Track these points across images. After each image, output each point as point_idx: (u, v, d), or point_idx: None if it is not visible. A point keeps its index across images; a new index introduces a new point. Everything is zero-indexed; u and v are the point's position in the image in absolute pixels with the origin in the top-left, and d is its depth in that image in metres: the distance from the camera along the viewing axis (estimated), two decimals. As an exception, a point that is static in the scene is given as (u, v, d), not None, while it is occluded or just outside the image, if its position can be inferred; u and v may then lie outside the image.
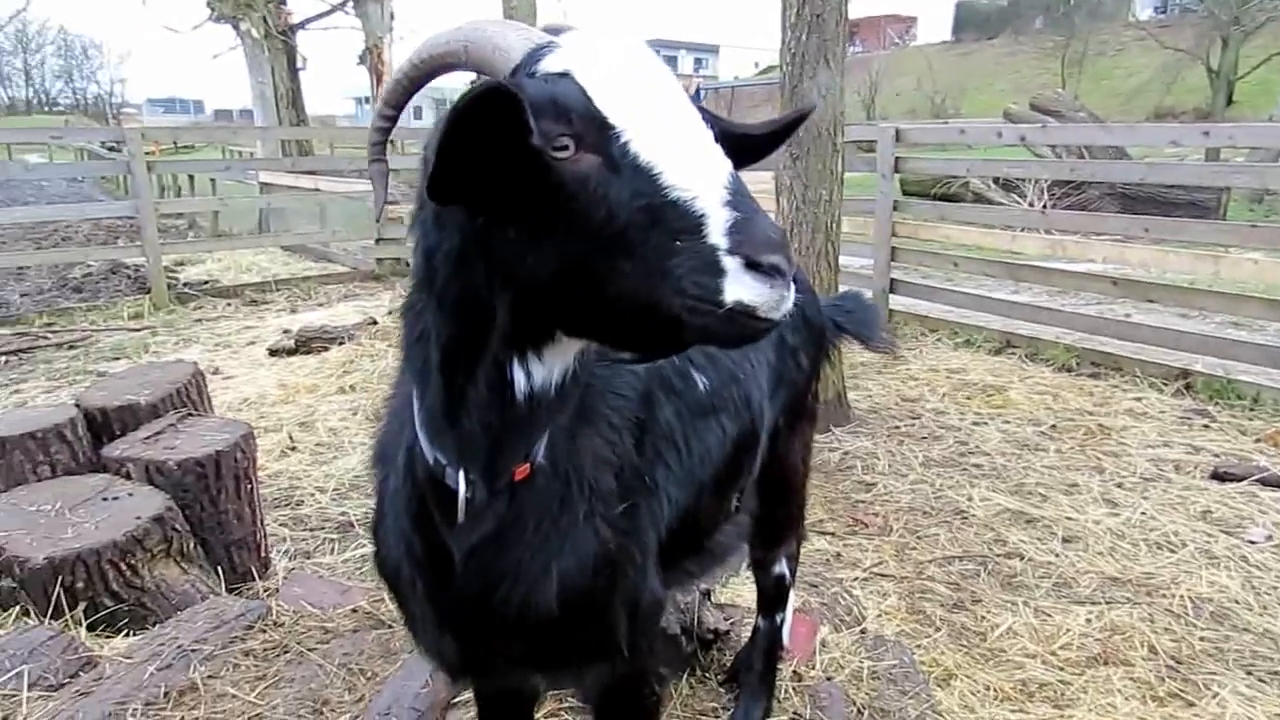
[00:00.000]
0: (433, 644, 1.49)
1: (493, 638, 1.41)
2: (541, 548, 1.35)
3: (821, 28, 4.52)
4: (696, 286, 1.01)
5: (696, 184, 1.03)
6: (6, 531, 2.82)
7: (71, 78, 74.91)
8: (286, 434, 5.11)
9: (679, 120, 1.10)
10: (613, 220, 1.05)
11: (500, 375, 1.21)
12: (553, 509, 1.35)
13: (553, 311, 1.15)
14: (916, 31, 55.98)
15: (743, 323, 1.01)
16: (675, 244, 1.02)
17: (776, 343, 1.99)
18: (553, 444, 1.32)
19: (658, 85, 1.11)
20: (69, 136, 18.35)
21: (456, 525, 1.30)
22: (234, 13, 15.06)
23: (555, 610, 1.36)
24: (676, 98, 1.12)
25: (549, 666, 1.52)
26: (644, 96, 1.09)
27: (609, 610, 1.44)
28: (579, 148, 1.06)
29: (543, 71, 1.10)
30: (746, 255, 0.99)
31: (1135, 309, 7.53)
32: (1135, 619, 3.14)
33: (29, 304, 8.96)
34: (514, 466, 1.28)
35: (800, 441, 2.21)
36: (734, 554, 2.05)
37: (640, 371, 1.52)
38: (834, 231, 4.90)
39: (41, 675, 2.38)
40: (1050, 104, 15.54)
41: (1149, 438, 4.92)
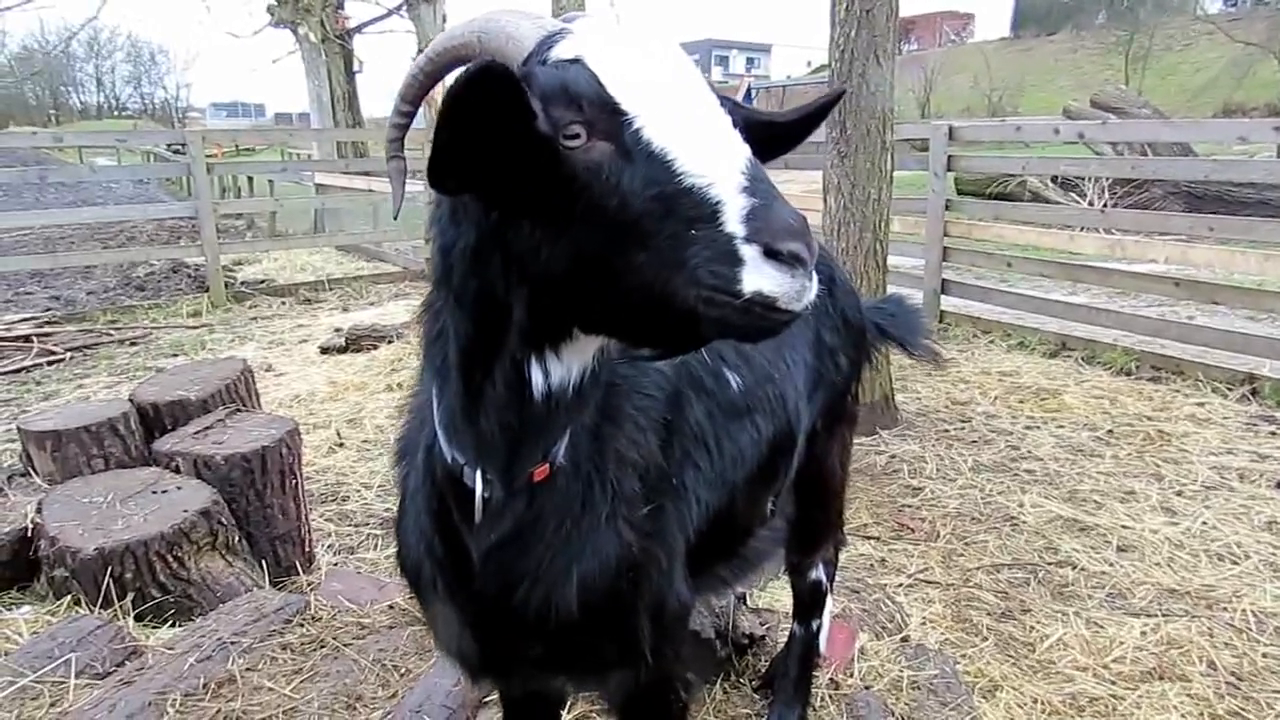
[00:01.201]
0: (453, 643, 1.48)
1: (512, 639, 1.39)
2: (562, 549, 1.32)
3: (871, 23, 4.44)
4: (713, 276, 0.97)
5: (712, 170, 1.00)
6: (60, 522, 2.91)
7: (140, 83, 77.50)
8: (334, 430, 5.19)
9: (694, 106, 1.06)
10: (626, 209, 1.02)
11: (518, 374, 1.19)
12: (574, 510, 1.32)
13: (569, 307, 1.12)
14: (974, 28, 54.93)
15: (761, 314, 0.97)
16: (691, 233, 0.99)
17: (814, 343, 1.95)
18: (575, 444, 1.30)
19: (673, 71, 1.08)
20: (134, 140, 18.92)
21: (475, 525, 1.29)
22: (292, 18, 15.39)
23: (575, 612, 1.34)
24: (693, 84, 1.08)
25: (570, 670, 1.50)
26: (658, 82, 1.06)
27: (632, 614, 1.42)
28: (591, 135, 1.03)
29: (554, 58, 1.08)
30: (765, 243, 0.95)
31: (1198, 311, 7.26)
32: (1194, 633, 3.02)
33: (94, 301, 9.26)
34: (532, 467, 1.26)
35: (839, 444, 2.16)
36: (770, 559, 2.00)
37: (669, 371, 1.49)
38: (883, 230, 4.81)
39: (89, 663, 2.44)
40: (1112, 100, 15.08)
41: (1211, 444, 4.73)
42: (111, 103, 75.08)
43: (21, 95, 61.27)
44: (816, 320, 1.96)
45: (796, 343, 1.88)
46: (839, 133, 4.69)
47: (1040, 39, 42.71)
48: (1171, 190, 11.98)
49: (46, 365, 6.88)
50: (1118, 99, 15.36)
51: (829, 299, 2.02)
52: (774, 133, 1.25)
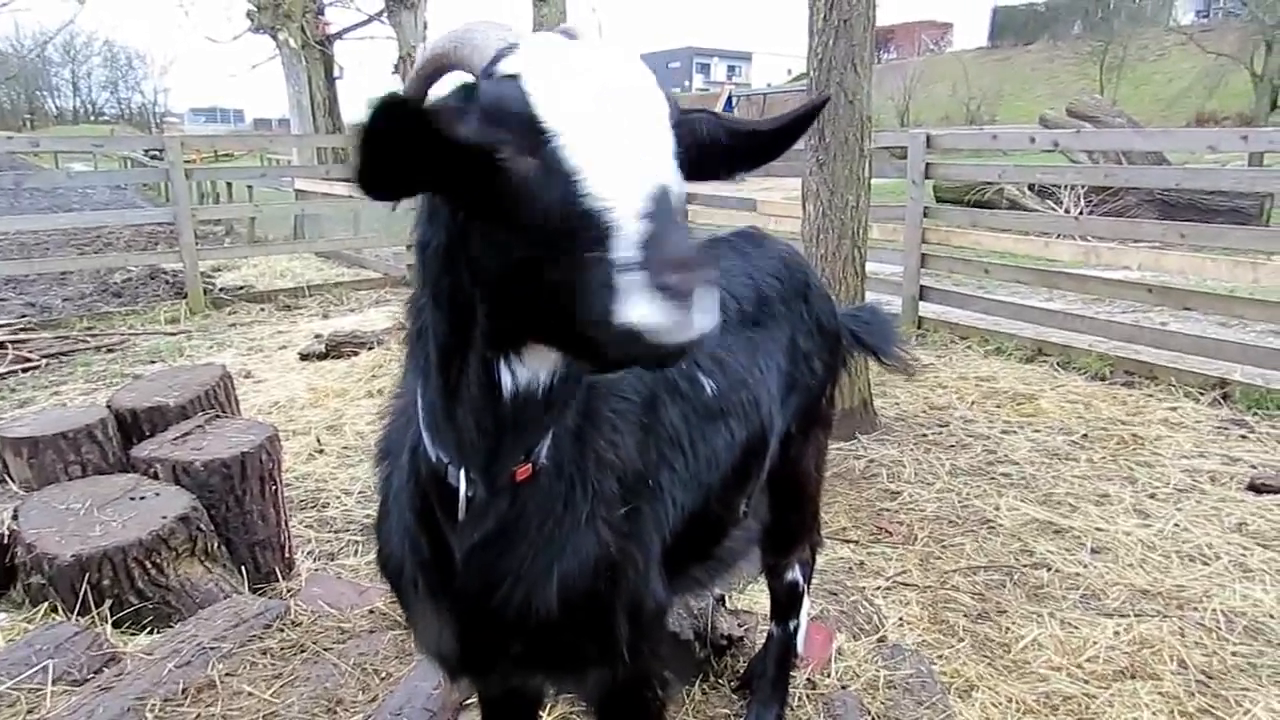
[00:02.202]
0: (433, 642, 1.49)
1: (492, 637, 1.41)
2: (544, 549, 1.34)
3: (849, 33, 4.50)
4: (593, 304, 0.97)
5: (614, 193, 0.99)
6: (37, 529, 2.89)
7: (117, 88, 76.77)
8: (315, 437, 5.17)
9: (621, 127, 1.04)
10: (542, 227, 1.03)
11: (488, 374, 1.21)
12: (556, 510, 1.34)
13: (514, 314, 1.14)
14: (952, 38, 55.49)
15: (642, 347, 0.96)
16: (586, 256, 0.98)
17: (788, 347, 1.98)
18: (558, 445, 1.32)
19: (610, 89, 1.06)
20: (112, 145, 18.79)
21: (459, 524, 1.31)
22: (273, 23, 15.33)
23: (555, 611, 1.35)
24: (631, 103, 1.07)
25: (549, 668, 1.52)
26: (590, 100, 1.05)
27: (610, 613, 1.44)
28: (519, 150, 1.04)
29: (499, 72, 1.09)
30: (647, 274, 0.94)
31: (1172, 317, 7.38)
32: (1165, 632, 3.07)
33: (70, 308, 9.18)
34: (513, 466, 1.28)
35: (813, 447, 2.19)
36: (744, 561, 2.03)
37: (645, 375, 1.51)
38: (861, 237, 4.87)
39: (66, 670, 2.43)
40: (1088, 109, 15.28)
41: (1184, 448, 4.81)
42: (88, 108, 74.32)
43: (-4, 100, 60.55)
44: (791, 325, 2.00)
45: (771, 347, 1.91)
46: (818, 140, 4.74)
47: (1017, 49, 43.18)
48: (1146, 198, 12.16)
49: (21, 372, 6.81)
50: (1093, 108, 15.57)
51: (804, 305, 2.05)
52: (757, 142, 1.27)
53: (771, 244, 2.14)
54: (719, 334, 1.73)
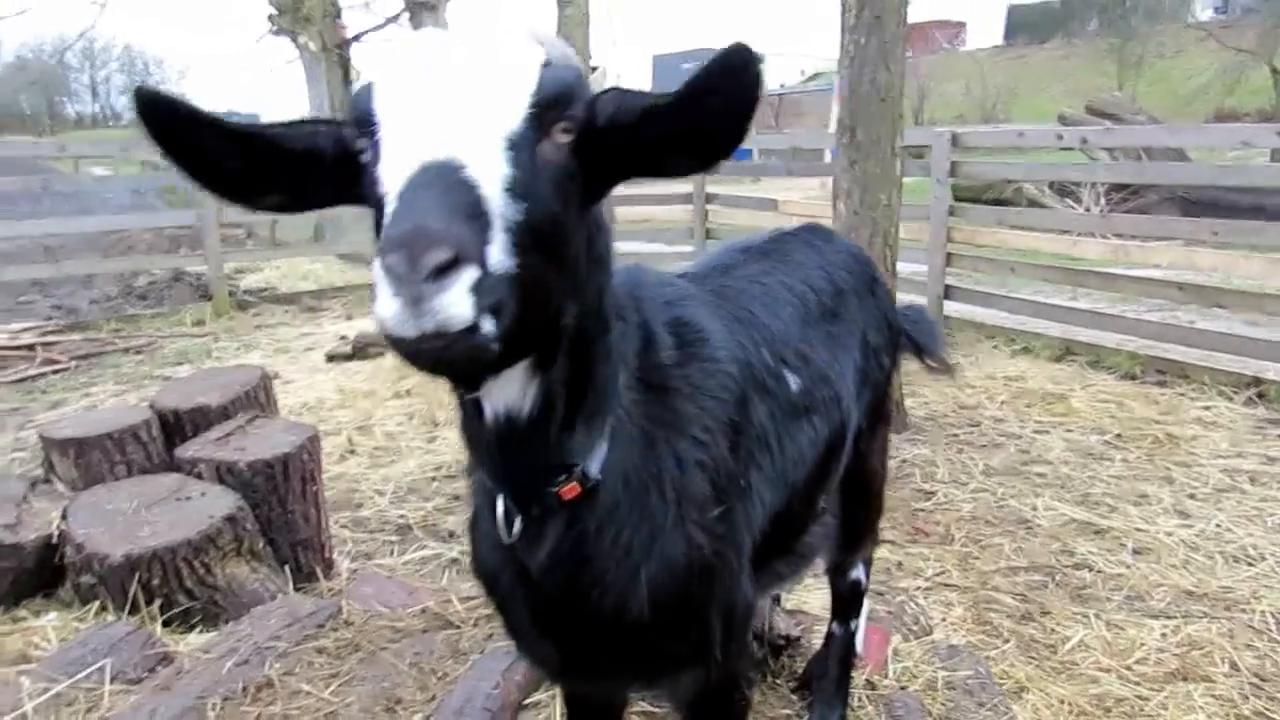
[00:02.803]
0: (533, 648, 1.48)
1: (589, 644, 1.40)
2: (625, 558, 1.31)
3: (881, 30, 4.48)
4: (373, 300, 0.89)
5: (387, 178, 0.96)
6: (86, 529, 2.91)
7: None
8: (346, 438, 5.19)
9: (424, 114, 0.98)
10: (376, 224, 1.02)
11: (473, 403, 1.18)
12: (631, 519, 1.31)
13: None
14: (966, 36, 55.20)
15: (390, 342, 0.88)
16: None
17: (861, 343, 1.97)
18: (622, 453, 1.29)
19: (429, 77, 1.01)
20: (135, 149, 18.90)
21: (511, 544, 1.28)
22: (293, 27, 15.41)
23: (648, 616, 1.33)
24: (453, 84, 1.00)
25: (646, 671, 1.50)
26: (408, 92, 1.01)
27: (704, 615, 1.42)
28: (369, 150, 1.04)
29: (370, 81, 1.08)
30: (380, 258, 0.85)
31: (1200, 315, 7.31)
32: (1214, 634, 3.04)
33: (97, 310, 9.26)
34: (546, 489, 1.23)
35: (880, 444, 2.19)
36: (819, 555, 2.02)
37: (735, 373, 1.50)
38: (893, 236, 4.85)
39: (122, 669, 2.44)
40: (1108, 107, 15.19)
41: (1220, 448, 4.77)
42: (106, 112, 74.98)
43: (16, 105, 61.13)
44: (863, 320, 1.99)
45: (847, 342, 1.91)
46: (849, 139, 4.72)
47: (1032, 46, 43.00)
48: (1167, 196, 12.06)
49: (52, 374, 6.87)
50: (1113, 105, 15.47)
51: (872, 299, 2.05)
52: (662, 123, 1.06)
53: (838, 239, 2.14)
54: (804, 328, 1.73)
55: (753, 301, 1.71)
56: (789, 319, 1.75)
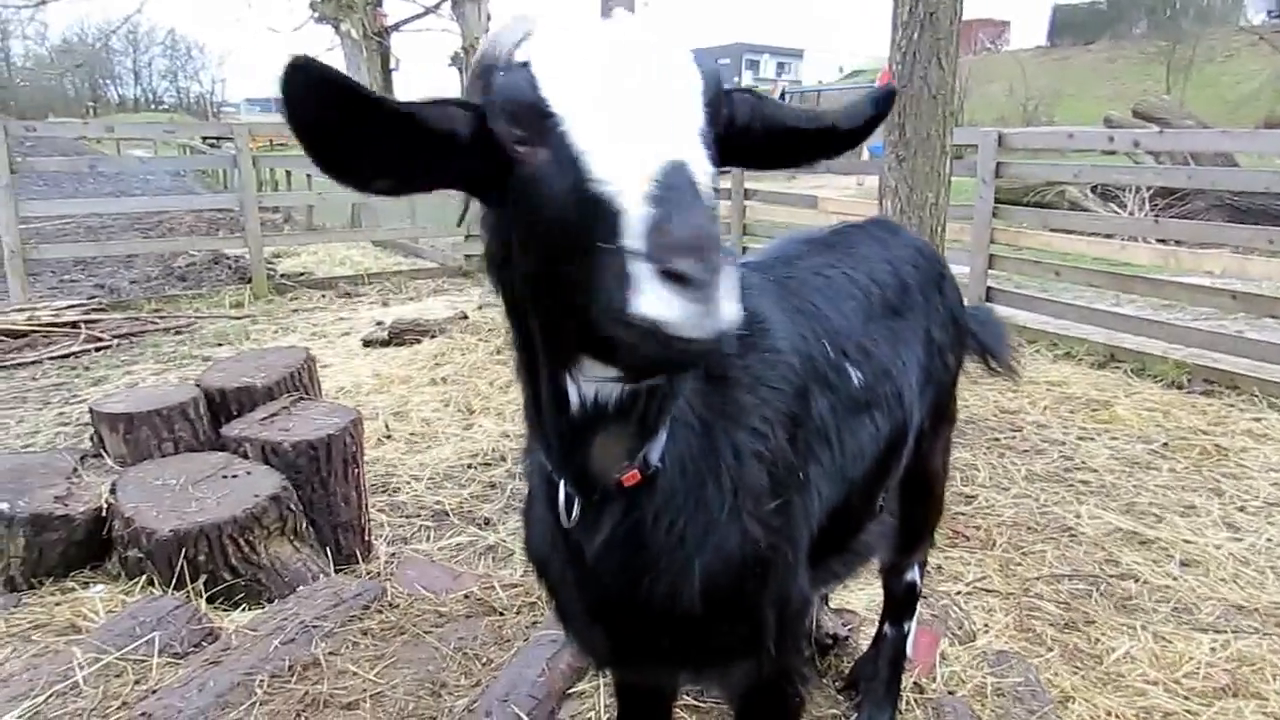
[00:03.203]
0: (583, 634, 1.48)
1: (639, 632, 1.39)
2: (679, 546, 1.30)
3: (935, 26, 4.41)
4: (611, 298, 0.88)
5: (620, 176, 0.90)
6: (134, 504, 2.95)
7: (176, 77, 78.60)
8: (383, 422, 5.22)
9: (633, 107, 0.96)
10: (556, 219, 0.96)
11: (558, 387, 1.16)
12: (687, 508, 1.30)
13: (555, 322, 1.08)
14: (1009, 36, 54.45)
15: (662, 343, 0.86)
16: (599, 246, 0.90)
17: (925, 340, 1.93)
18: (680, 442, 1.28)
19: (624, 69, 0.98)
20: (180, 132, 19.20)
21: (570, 528, 1.29)
22: (335, 14, 15.50)
23: (699, 607, 1.33)
24: (648, 83, 0.99)
25: (696, 662, 1.49)
26: (598, 82, 0.97)
27: (758, 607, 1.41)
28: (531, 141, 0.99)
29: (513, 62, 1.04)
30: (658, 261, 0.84)
31: (1249, 325, 7.15)
32: (1266, 650, 2.97)
33: (138, 290, 9.40)
34: (613, 475, 1.23)
35: (942, 444, 2.15)
36: (875, 554, 1.99)
37: (796, 364, 1.47)
38: (940, 236, 4.78)
39: (169, 643, 2.47)
40: (1155, 111, 14.89)
41: (1271, 461, 4.66)
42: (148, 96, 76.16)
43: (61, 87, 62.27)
44: (928, 316, 1.96)
45: (910, 338, 1.87)
46: (898, 135, 4.66)
47: (1077, 48, 42.21)
48: (1215, 203, 11.80)
49: (94, 351, 6.99)
50: (1161, 109, 15.17)
51: (939, 296, 2.01)
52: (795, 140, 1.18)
53: (906, 234, 2.10)
54: (866, 322, 1.70)
55: (815, 293, 1.68)
56: (851, 312, 1.72)
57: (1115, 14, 42.39)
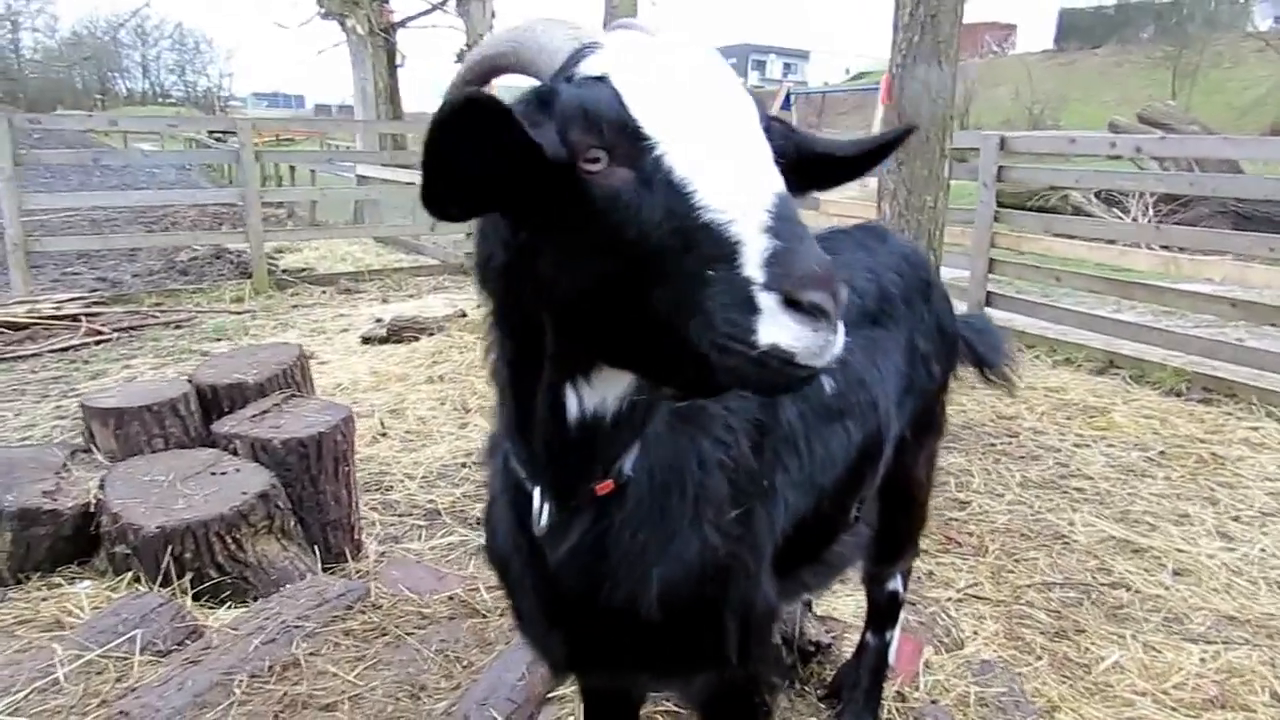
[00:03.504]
0: (540, 638, 1.48)
1: (597, 638, 1.39)
2: (640, 555, 1.31)
3: (936, 28, 4.40)
4: (728, 324, 0.90)
5: (733, 205, 0.92)
6: (122, 500, 2.94)
7: (184, 71, 78.75)
8: (378, 420, 5.22)
9: (727, 133, 0.98)
10: (644, 242, 0.95)
11: (556, 399, 1.17)
12: (651, 518, 1.31)
13: (591, 337, 1.07)
14: (1016, 40, 54.32)
15: (777, 369, 0.90)
16: (708, 273, 0.92)
17: (907, 349, 1.92)
18: (648, 451, 1.29)
19: (709, 93, 1.00)
20: (185, 126, 19.24)
21: (539, 536, 1.29)
22: (341, 10, 15.53)
23: (658, 615, 1.33)
24: (731, 108, 1.01)
25: (655, 670, 1.49)
26: (689, 105, 0.98)
27: (718, 616, 1.40)
28: (611, 160, 0.97)
29: (581, 74, 1.02)
30: (786, 291, 0.88)
31: (1249, 333, 7.13)
32: (1255, 662, 2.95)
33: (139, 284, 9.40)
34: (587, 486, 1.24)
35: (926, 454, 2.14)
36: (850, 566, 1.98)
37: None
38: (937, 239, 4.77)
39: (151, 640, 2.47)
40: (1160, 116, 14.84)
41: (1267, 470, 4.63)
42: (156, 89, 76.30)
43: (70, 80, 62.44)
44: (911, 326, 1.94)
45: (890, 347, 1.86)
46: (897, 140, 4.64)
47: (1084, 52, 42.09)
48: (1218, 209, 11.76)
49: (94, 344, 6.99)
50: (1165, 115, 15.12)
51: (925, 305, 2.00)
52: (832, 165, 1.21)
53: (894, 241, 2.09)
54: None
55: None
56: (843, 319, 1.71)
57: (1122, 18, 42.26)
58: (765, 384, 0.94)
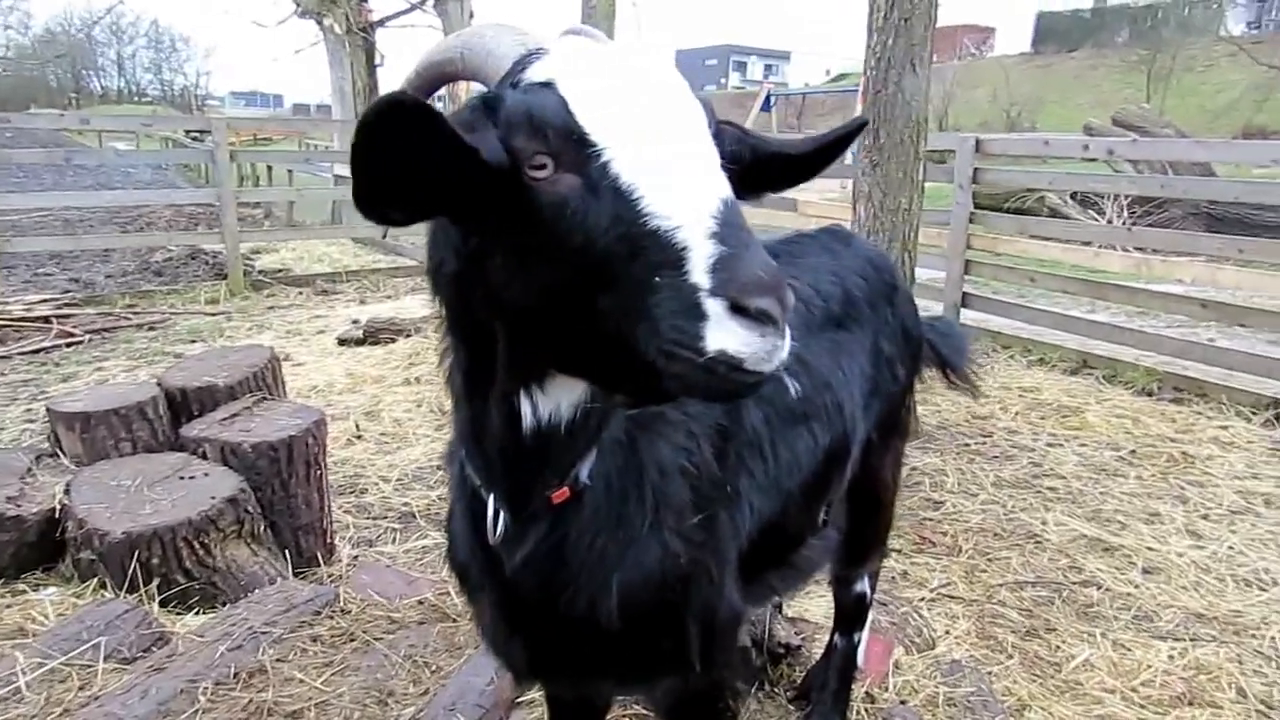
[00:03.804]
0: (501, 646, 1.47)
1: (558, 645, 1.39)
2: (599, 563, 1.30)
3: (910, 32, 4.42)
4: (674, 330, 0.90)
5: (681, 212, 0.92)
6: (88, 505, 2.91)
7: (160, 70, 77.91)
8: (353, 423, 5.18)
9: (674, 139, 0.98)
10: (590, 248, 0.95)
11: (510, 406, 1.16)
12: (608, 524, 1.30)
13: (541, 345, 1.07)
14: (994, 43, 54.79)
15: (724, 375, 0.90)
16: (655, 279, 0.92)
17: (872, 352, 1.92)
18: (605, 459, 1.28)
19: (657, 99, 1.00)
20: (159, 125, 19.00)
21: (495, 544, 1.28)
22: (318, 9, 15.41)
23: (618, 622, 1.32)
24: (679, 114, 1.01)
25: (617, 676, 1.49)
26: (636, 111, 0.98)
27: (679, 622, 1.40)
28: (558, 167, 0.97)
29: (527, 80, 1.01)
30: (732, 297, 0.88)
31: (1220, 334, 7.22)
32: (1223, 659, 2.99)
33: (113, 285, 9.29)
34: (543, 494, 1.24)
35: (892, 456, 2.14)
36: (819, 570, 1.98)
37: None
38: (912, 241, 4.79)
39: (116, 648, 2.44)
40: (1134, 119, 15.01)
41: (1236, 469, 4.69)
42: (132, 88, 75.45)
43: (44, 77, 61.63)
44: (876, 328, 1.95)
45: (855, 349, 1.86)
46: (871, 140, 4.67)
47: (1060, 55, 42.51)
48: (1192, 211, 11.90)
49: (65, 347, 6.90)
50: (1140, 118, 15.29)
51: (889, 308, 2.00)
52: (786, 164, 1.22)
53: (859, 244, 2.09)
54: (805, 334, 1.69)
55: None
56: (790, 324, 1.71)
57: (1098, 22, 42.74)
58: (713, 390, 0.94)
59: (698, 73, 58.44)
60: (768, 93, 28.81)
